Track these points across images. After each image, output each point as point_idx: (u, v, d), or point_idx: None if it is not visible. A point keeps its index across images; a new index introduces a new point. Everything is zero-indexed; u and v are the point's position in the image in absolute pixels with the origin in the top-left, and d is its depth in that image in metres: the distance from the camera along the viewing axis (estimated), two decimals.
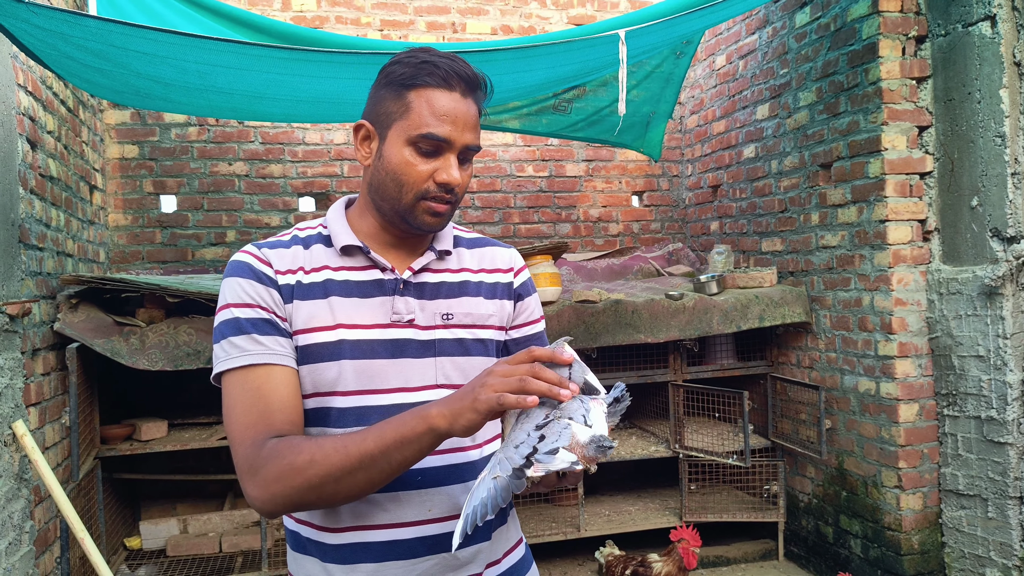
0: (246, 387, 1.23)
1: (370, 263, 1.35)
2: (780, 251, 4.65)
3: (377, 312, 1.32)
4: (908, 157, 3.81)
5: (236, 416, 1.22)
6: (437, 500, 1.31)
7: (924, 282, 3.83)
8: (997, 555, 3.55)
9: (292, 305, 1.29)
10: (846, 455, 4.14)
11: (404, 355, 1.31)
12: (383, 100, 1.31)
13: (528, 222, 5.56)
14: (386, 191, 1.31)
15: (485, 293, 1.42)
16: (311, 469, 1.15)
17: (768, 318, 4.35)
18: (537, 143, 5.53)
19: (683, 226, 5.86)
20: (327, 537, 1.30)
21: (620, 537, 4.62)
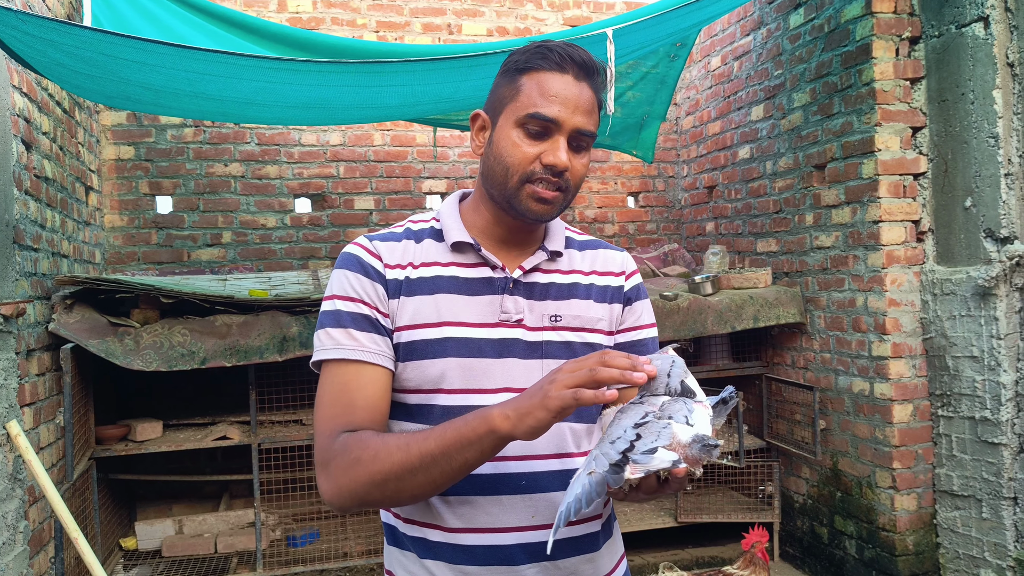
0: (335, 381, 1.25)
1: (480, 260, 1.33)
2: (775, 252, 4.66)
3: (485, 310, 1.30)
4: (902, 158, 3.82)
5: (322, 408, 1.26)
6: (541, 507, 1.27)
7: (918, 283, 3.84)
8: (991, 556, 3.55)
9: (398, 301, 1.29)
10: (840, 456, 4.15)
11: (511, 355, 1.29)
12: (497, 88, 1.31)
13: None
14: (495, 176, 1.28)
15: (596, 296, 1.38)
16: (374, 465, 1.15)
17: (763, 319, 4.36)
18: None
19: (679, 227, 5.87)
20: (429, 534, 1.28)
21: None
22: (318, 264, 5.19)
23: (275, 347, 3.76)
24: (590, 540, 1.32)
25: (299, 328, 3.79)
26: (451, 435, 1.11)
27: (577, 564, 1.30)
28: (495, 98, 1.31)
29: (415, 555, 1.29)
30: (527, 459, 1.27)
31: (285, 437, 4.03)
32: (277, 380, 4.24)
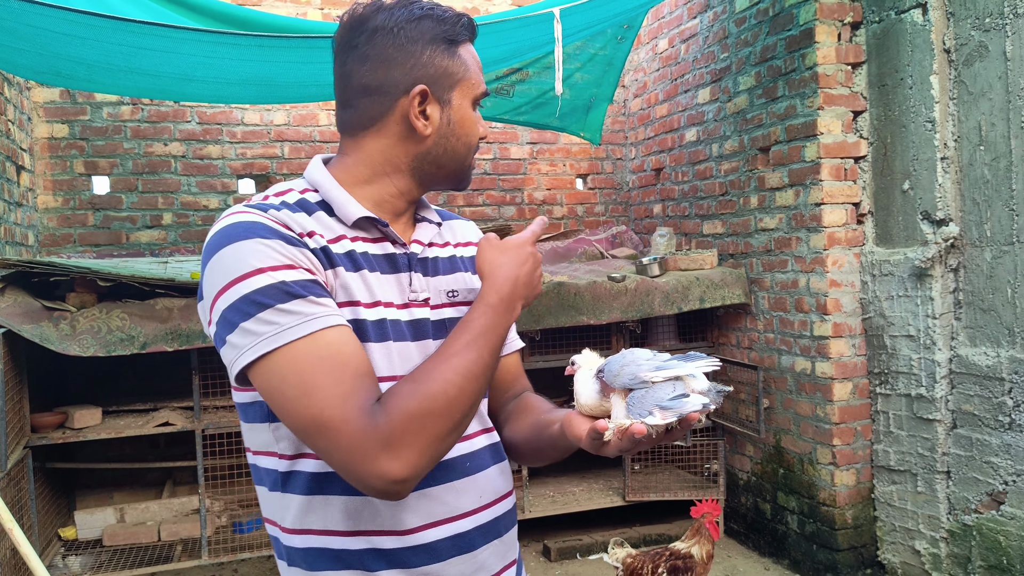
0: (324, 355, 1.02)
1: (381, 235, 1.22)
2: (721, 233, 4.72)
3: (395, 290, 1.20)
4: (843, 141, 3.89)
5: (324, 391, 1.01)
6: (484, 484, 1.24)
7: (858, 264, 3.93)
8: (926, 527, 3.67)
9: (331, 272, 1.12)
10: (783, 433, 4.24)
11: (425, 336, 1.21)
12: (435, 60, 1.19)
13: (472, 205, 5.54)
14: (454, 157, 1.23)
15: (469, 267, 1.34)
16: (445, 400, 1.04)
17: (708, 299, 4.42)
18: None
19: (627, 209, 5.90)
20: (381, 542, 1.14)
21: (565, 518, 4.67)
22: None
23: None
24: (515, 511, 1.33)
25: None
26: (478, 327, 1.11)
27: (513, 534, 1.30)
28: (440, 73, 1.20)
29: (361, 572, 1.14)
30: (465, 440, 1.23)
31: (230, 423, 3.96)
32: (221, 365, 4.16)
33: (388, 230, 1.22)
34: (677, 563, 3.36)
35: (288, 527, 1.16)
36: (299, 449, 1.13)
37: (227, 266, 1.05)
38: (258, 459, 1.20)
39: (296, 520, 1.15)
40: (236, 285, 1.04)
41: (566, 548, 4.50)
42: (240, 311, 1.04)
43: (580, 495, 4.74)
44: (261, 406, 1.13)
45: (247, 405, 1.17)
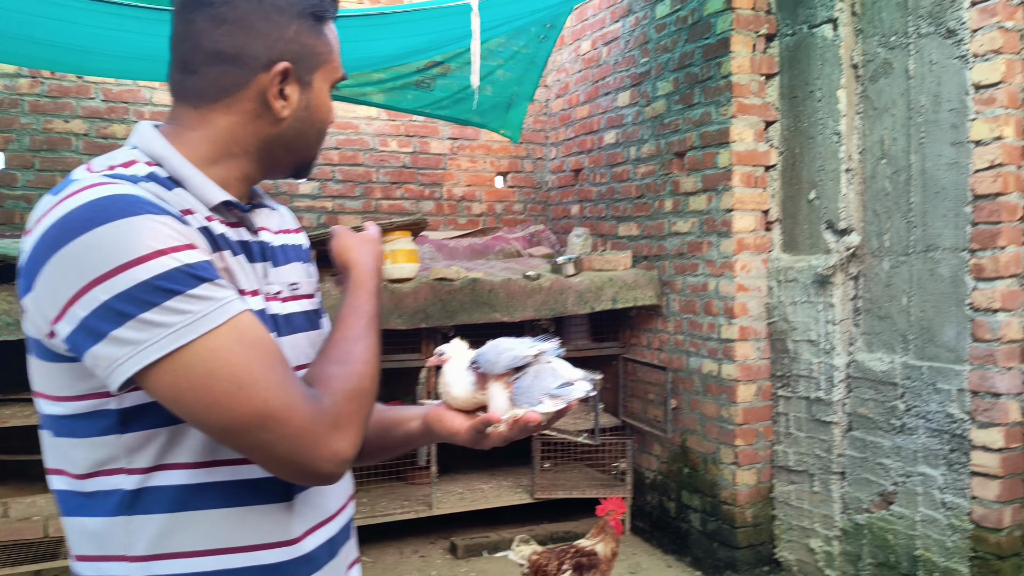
0: (249, 342, 0.93)
1: (237, 221, 1.09)
2: (636, 236, 4.78)
3: (254, 281, 1.08)
4: (755, 150, 3.99)
5: (263, 380, 0.92)
6: (343, 482, 1.16)
7: (765, 269, 4.03)
8: (821, 527, 3.80)
9: (217, 255, 1.00)
10: (689, 433, 4.32)
11: (283, 331, 1.10)
12: (301, 37, 1.08)
13: (391, 198, 5.47)
14: (305, 143, 1.12)
15: (304, 257, 1.23)
16: (368, 380, 1.02)
17: (621, 300, 4.47)
18: (402, 118, 5.44)
19: (545, 208, 5.92)
20: (266, 556, 1.02)
21: (473, 515, 4.65)
22: None
23: None
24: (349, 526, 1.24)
25: None
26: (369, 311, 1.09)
27: (355, 531, 1.23)
28: (305, 51, 1.08)
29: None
30: None
31: None
32: None
33: (247, 216, 1.10)
34: (582, 560, 3.38)
35: (140, 555, 0.97)
36: (161, 459, 0.97)
37: (110, 247, 0.89)
38: (84, 483, 0.98)
39: (153, 545, 0.97)
40: (129, 270, 0.88)
41: (473, 545, 4.49)
42: (137, 300, 0.88)
43: (489, 492, 4.73)
44: (105, 417, 0.96)
45: (78, 417, 0.97)
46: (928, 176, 3.33)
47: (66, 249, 0.89)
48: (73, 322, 0.90)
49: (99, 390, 0.95)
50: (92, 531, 0.98)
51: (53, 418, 1.00)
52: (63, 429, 0.99)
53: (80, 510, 0.99)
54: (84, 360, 0.91)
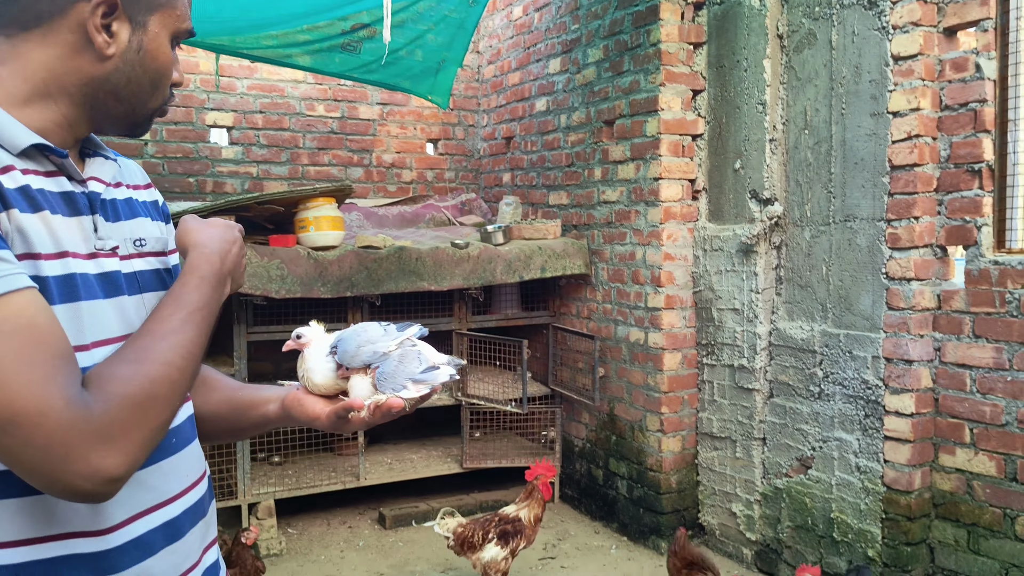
0: (10, 329, 0.81)
1: (56, 169, 0.98)
2: (566, 204, 4.76)
3: (78, 236, 0.97)
4: (682, 119, 3.99)
5: (14, 376, 0.80)
6: (190, 461, 1.09)
7: (691, 238, 4.06)
8: (742, 491, 3.87)
9: (4, 215, 0.88)
10: (617, 401, 4.35)
11: (119, 292, 1.00)
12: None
13: (318, 164, 5.33)
14: (137, 92, 1.02)
15: (151, 213, 1.14)
16: (164, 385, 0.90)
17: (550, 269, 4.45)
18: (329, 82, 5.29)
19: (477, 176, 5.86)
20: (75, 546, 0.92)
21: (403, 485, 4.62)
22: None
23: None
24: (212, 486, 1.20)
25: None
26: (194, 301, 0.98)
27: (213, 511, 1.18)
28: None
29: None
30: None
31: None
32: None
33: (67, 162, 0.98)
34: (507, 527, 3.39)
35: None
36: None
37: None
38: None
39: None
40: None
41: (402, 516, 4.46)
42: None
43: (418, 463, 4.70)
44: None
45: None
46: (848, 147, 3.37)
47: None
48: None
49: None
50: None
51: None
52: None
53: None
54: None
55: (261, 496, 4.15)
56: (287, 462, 4.64)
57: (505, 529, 3.38)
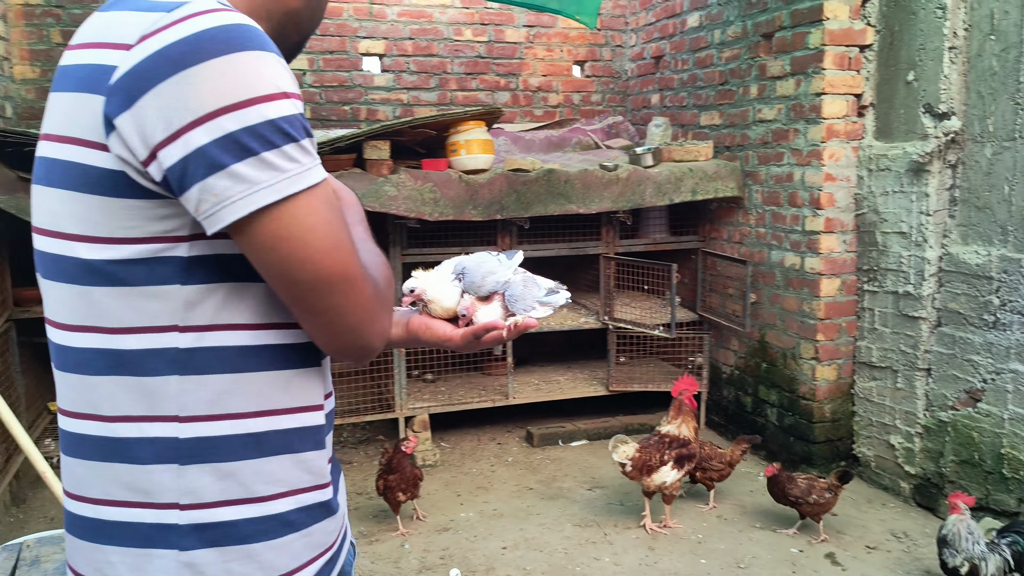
0: (335, 205, 0.91)
1: None
2: (718, 125, 4.59)
3: None
4: (849, 28, 3.73)
5: (348, 244, 0.91)
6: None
7: (855, 158, 3.83)
8: (902, 423, 3.71)
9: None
10: (768, 328, 4.24)
11: None
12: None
13: (466, 89, 5.37)
14: (310, 27, 1.09)
15: None
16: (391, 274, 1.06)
17: (701, 191, 4.34)
18: (476, 5, 5.28)
19: (624, 98, 5.73)
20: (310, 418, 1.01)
21: (548, 406, 4.72)
22: None
23: None
24: None
25: None
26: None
27: None
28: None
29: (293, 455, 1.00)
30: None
31: None
32: None
33: None
34: (682, 451, 3.42)
35: (193, 415, 0.92)
36: (217, 318, 0.92)
37: (245, 77, 0.83)
38: (124, 339, 0.91)
39: (209, 406, 0.93)
40: (261, 105, 0.83)
41: (549, 435, 4.58)
42: (261, 138, 0.83)
43: (565, 384, 4.78)
44: (167, 264, 0.89)
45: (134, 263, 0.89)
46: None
47: (195, 69, 0.81)
48: (187, 147, 0.82)
49: (169, 233, 0.88)
50: (139, 391, 0.91)
51: (94, 265, 0.89)
52: (106, 277, 0.89)
53: (120, 368, 0.91)
54: (188, 192, 0.84)
55: (416, 410, 4.36)
56: (439, 380, 4.83)
57: (680, 453, 3.42)
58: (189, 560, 0.93)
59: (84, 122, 0.87)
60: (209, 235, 0.86)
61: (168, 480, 0.92)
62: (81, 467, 0.95)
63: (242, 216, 0.83)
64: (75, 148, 0.87)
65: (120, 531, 0.94)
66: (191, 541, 0.93)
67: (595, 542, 3.41)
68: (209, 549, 0.93)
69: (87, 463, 0.94)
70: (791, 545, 3.36)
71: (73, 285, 0.91)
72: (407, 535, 3.47)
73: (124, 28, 0.86)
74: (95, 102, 0.85)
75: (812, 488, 3.35)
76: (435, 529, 3.53)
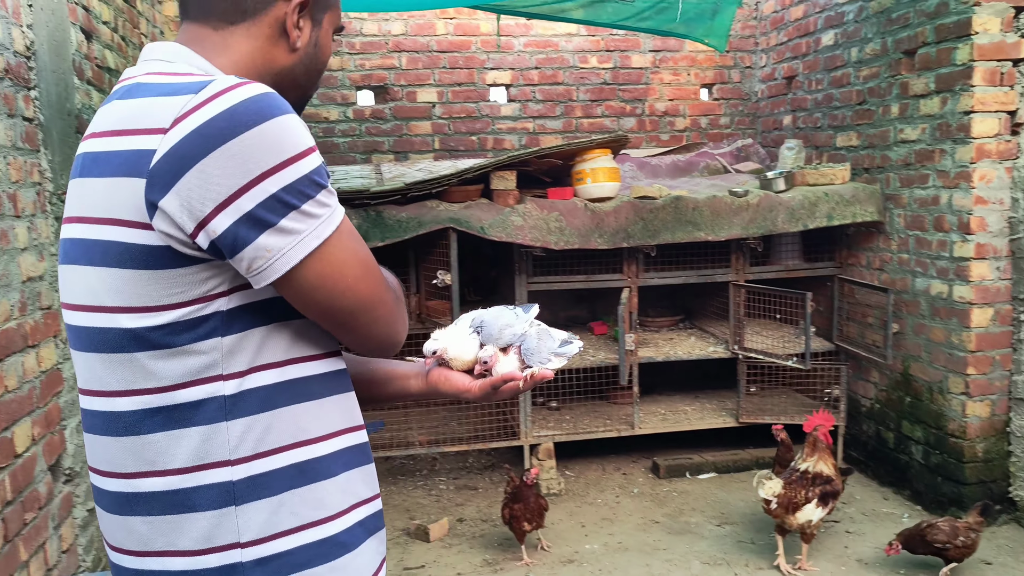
0: (356, 236, 1.02)
1: None
2: (855, 146, 4.40)
3: None
4: (1001, 42, 3.50)
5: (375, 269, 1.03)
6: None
7: (1009, 179, 3.57)
8: None
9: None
10: (912, 360, 4.00)
11: None
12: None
13: (591, 116, 5.39)
14: (308, 81, 1.15)
15: None
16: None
17: (837, 216, 4.16)
18: (601, 32, 5.29)
19: (754, 121, 5.59)
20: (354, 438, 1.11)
21: (674, 437, 4.63)
22: (381, 158, 5.15)
23: None
24: None
25: (358, 221, 3.79)
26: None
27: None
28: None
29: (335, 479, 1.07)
30: None
31: None
32: None
33: None
34: (826, 488, 3.27)
35: (244, 456, 0.98)
36: (255, 361, 0.98)
37: (279, 142, 0.91)
38: (171, 396, 0.96)
39: (255, 445, 0.99)
40: (295, 164, 0.92)
41: (675, 466, 4.48)
42: (299, 193, 0.92)
43: (692, 415, 4.67)
44: (209, 320, 0.95)
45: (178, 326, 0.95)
46: None
47: (233, 143, 0.89)
48: (236, 214, 0.90)
49: (210, 292, 0.95)
50: (189, 443, 0.97)
51: (139, 333, 0.95)
52: (150, 342, 0.95)
53: (168, 424, 0.97)
54: (240, 253, 0.91)
55: (541, 438, 4.36)
56: (564, 408, 4.82)
57: (825, 490, 3.27)
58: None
59: (125, 204, 0.93)
60: (256, 288, 0.95)
61: (227, 522, 0.97)
62: (142, 524, 0.99)
63: (295, 265, 0.93)
64: (116, 228, 0.94)
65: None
66: (256, 575, 0.98)
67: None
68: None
69: (148, 519, 0.99)
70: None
71: (117, 354, 0.97)
72: (532, 565, 3.46)
73: (154, 113, 0.93)
74: (136, 185, 0.92)
75: (957, 531, 3.12)
76: (559, 560, 3.51)
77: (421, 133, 5.20)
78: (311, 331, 1.04)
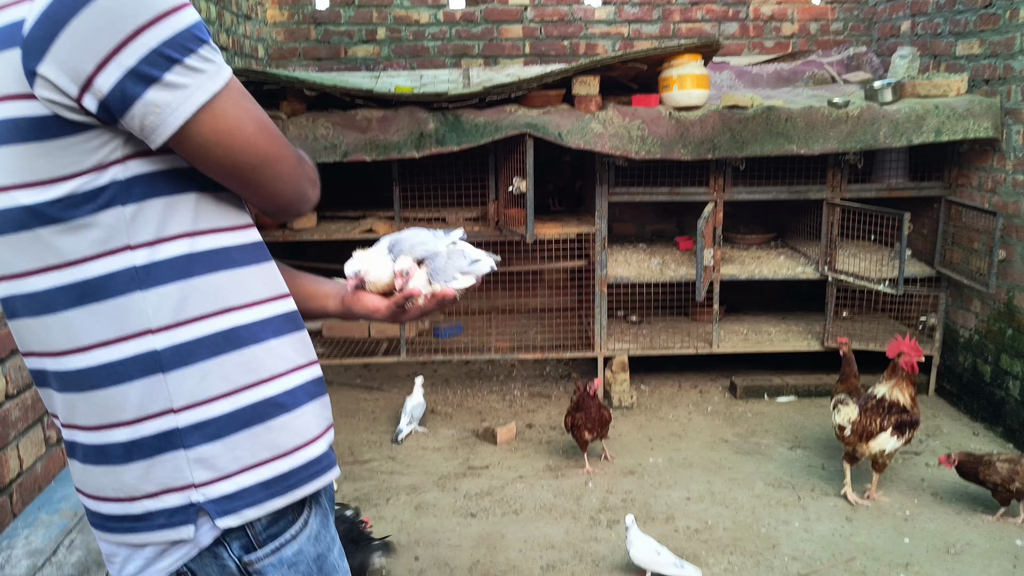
0: (245, 92, 0.99)
1: None
2: (976, 55, 4.01)
3: None
4: None
5: (269, 122, 1.01)
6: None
7: None
8: None
9: None
10: (1018, 290, 3.71)
11: None
12: None
13: (690, 20, 5.11)
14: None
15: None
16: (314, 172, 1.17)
17: (947, 131, 3.84)
18: None
19: (869, 27, 5.17)
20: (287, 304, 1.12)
21: (753, 357, 4.51)
22: (470, 62, 5.08)
23: (412, 143, 3.78)
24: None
25: (436, 124, 3.77)
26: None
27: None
28: None
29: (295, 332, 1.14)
30: None
31: None
32: (422, 177, 4.31)
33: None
34: (903, 418, 3.14)
35: (164, 325, 0.99)
36: (162, 231, 0.98)
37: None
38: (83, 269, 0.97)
39: (175, 314, 1.00)
40: (172, 17, 0.90)
41: (754, 387, 4.38)
42: (181, 47, 0.91)
43: (775, 336, 4.52)
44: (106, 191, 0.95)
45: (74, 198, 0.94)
46: None
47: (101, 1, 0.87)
48: (120, 70, 0.88)
49: (104, 161, 0.94)
50: (107, 315, 0.98)
51: (37, 209, 0.94)
52: (51, 217, 0.94)
53: (84, 299, 0.98)
54: (131, 110, 0.90)
55: (616, 351, 4.33)
56: (644, 322, 4.76)
57: (902, 419, 3.14)
58: (198, 456, 1.01)
59: (5, 78, 0.91)
60: (154, 149, 0.94)
61: (157, 390, 1.00)
62: (82, 401, 1.02)
63: (187, 118, 0.92)
64: (2, 104, 0.92)
65: (127, 449, 1.01)
66: (194, 439, 1.01)
67: (787, 504, 3.24)
68: (213, 443, 1.01)
69: (85, 395, 1.01)
70: (1017, 536, 2.98)
71: (21, 233, 0.96)
72: (592, 473, 3.49)
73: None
74: (13, 56, 0.90)
75: (1015, 474, 2.94)
76: (621, 471, 3.53)
77: (511, 37, 5.08)
78: (219, 202, 1.04)
